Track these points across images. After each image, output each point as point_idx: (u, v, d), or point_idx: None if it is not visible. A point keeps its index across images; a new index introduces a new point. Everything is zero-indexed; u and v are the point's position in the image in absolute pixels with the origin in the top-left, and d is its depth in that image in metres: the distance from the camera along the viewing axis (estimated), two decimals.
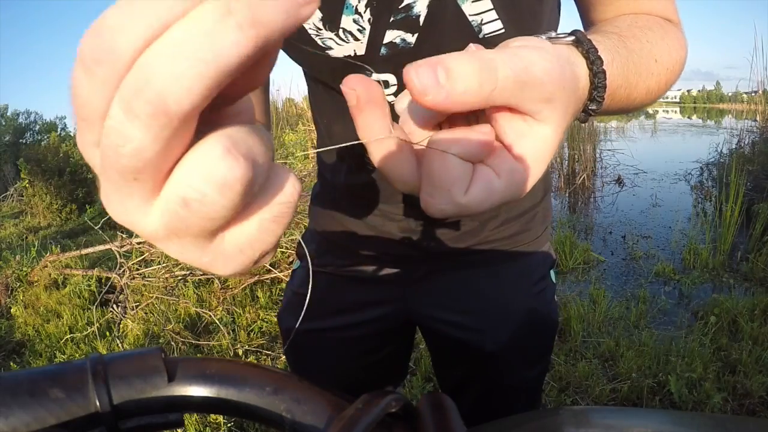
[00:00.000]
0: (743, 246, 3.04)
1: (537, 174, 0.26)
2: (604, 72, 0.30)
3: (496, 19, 0.47)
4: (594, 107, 0.31)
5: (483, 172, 0.25)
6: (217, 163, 0.16)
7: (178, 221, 0.17)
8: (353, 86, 0.24)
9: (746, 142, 4.95)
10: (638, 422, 0.26)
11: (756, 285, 2.61)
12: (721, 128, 10.67)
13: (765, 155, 4.26)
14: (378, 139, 0.25)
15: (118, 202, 0.17)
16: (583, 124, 4.34)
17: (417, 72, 0.21)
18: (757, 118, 5.50)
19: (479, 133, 0.25)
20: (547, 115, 0.25)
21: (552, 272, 0.69)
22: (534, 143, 0.25)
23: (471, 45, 0.28)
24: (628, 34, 0.38)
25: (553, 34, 0.31)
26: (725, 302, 2.30)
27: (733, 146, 5.01)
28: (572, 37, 0.31)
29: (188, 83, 0.14)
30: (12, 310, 2.75)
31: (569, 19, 0.54)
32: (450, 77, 0.21)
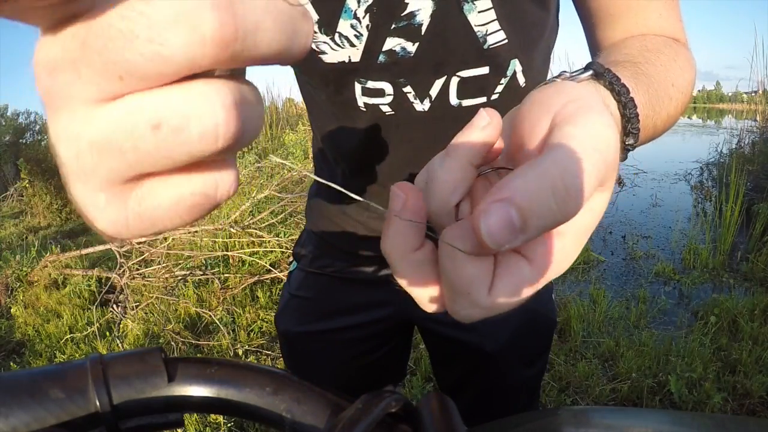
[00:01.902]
0: (743, 246, 3.03)
1: (578, 250, 0.22)
2: (633, 100, 0.28)
3: (499, 30, 0.46)
4: (631, 141, 0.29)
5: (508, 263, 0.21)
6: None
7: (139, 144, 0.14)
8: (404, 191, 0.22)
9: (746, 142, 4.95)
10: (638, 422, 0.26)
11: (756, 285, 2.61)
12: (721, 128, 10.67)
13: (765, 155, 4.26)
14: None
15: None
16: None
17: (486, 221, 0.18)
18: (757, 118, 5.50)
19: None
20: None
21: None
22: (581, 217, 0.21)
23: (482, 111, 0.24)
24: (642, 60, 0.37)
25: (568, 73, 0.29)
26: (725, 302, 2.30)
27: (733, 146, 5.01)
28: (590, 71, 0.28)
29: None
30: (12, 310, 2.75)
31: (568, 25, 0.54)
32: (527, 224, 0.18)
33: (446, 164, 0.23)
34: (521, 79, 0.52)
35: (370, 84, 0.50)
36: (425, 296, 0.23)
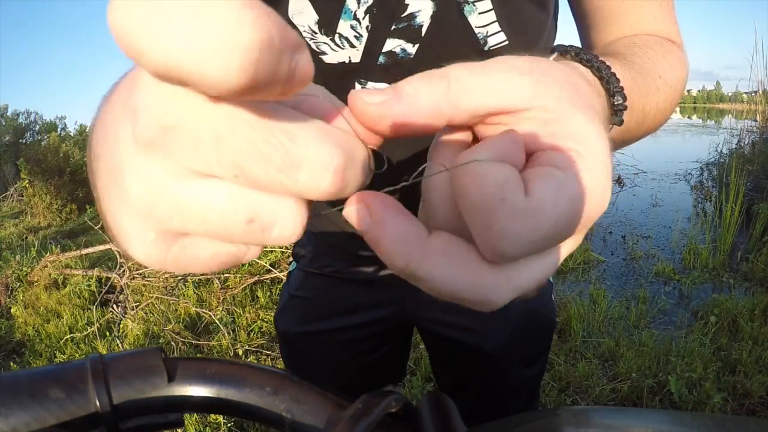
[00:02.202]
0: (743, 246, 3.04)
1: (605, 176, 0.19)
2: (614, 76, 0.28)
3: (499, 31, 0.46)
4: (620, 100, 0.28)
5: (537, 170, 0.19)
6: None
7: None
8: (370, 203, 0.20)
9: (746, 142, 4.95)
10: (638, 422, 0.26)
11: (756, 285, 2.61)
12: (721, 128, 10.68)
13: (765, 155, 4.26)
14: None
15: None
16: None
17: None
18: (757, 118, 5.50)
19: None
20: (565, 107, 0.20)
21: None
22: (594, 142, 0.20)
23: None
24: (628, 53, 0.37)
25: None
26: (725, 302, 2.30)
27: (733, 146, 5.02)
28: (555, 53, 0.28)
29: None
30: (12, 310, 2.75)
31: (568, 25, 0.54)
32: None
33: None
34: None
35: (370, 85, 0.50)
36: (465, 275, 0.19)
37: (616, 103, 0.28)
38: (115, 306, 2.56)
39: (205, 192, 0.17)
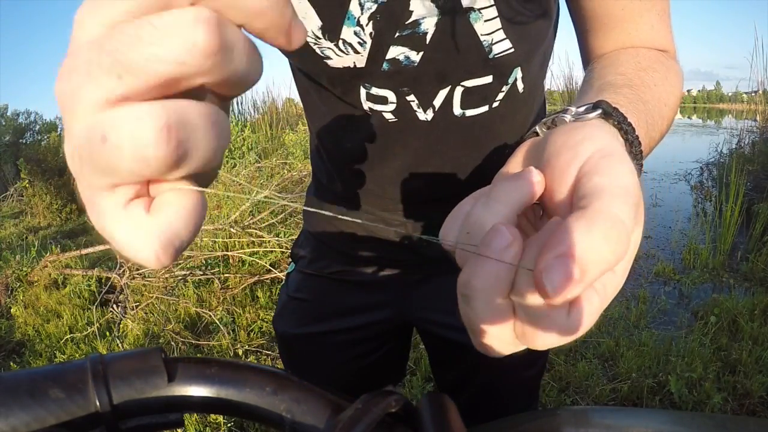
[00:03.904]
0: (743, 246, 3.03)
1: (626, 274, 0.24)
2: (638, 138, 0.29)
3: (504, 39, 0.46)
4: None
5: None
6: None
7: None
8: (511, 232, 0.22)
9: (746, 142, 4.95)
10: (638, 422, 0.26)
11: (756, 285, 2.61)
12: (721, 128, 10.67)
13: (765, 155, 4.26)
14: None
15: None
16: None
17: (549, 276, 0.19)
18: (757, 118, 5.50)
19: None
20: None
21: None
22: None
23: (531, 169, 0.25)
24: (638, 83, 0.38)
25: (574, 110, 0.29)
26: (725, 302, 2.30)
27: (733, 146, 5.01)
28: (599, 110, 0.29)
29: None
30: (12, 310, 2.75)
31: (569, 25, 0.54)
32: (586, 274, 0.19)
33: (493, 209, 0.24)
34: (520, 86, 0.52)
35: (374, 90, 0.50)
36: (502, 337, 0.23)
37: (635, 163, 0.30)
38: (115, 306, 2.56)
39: (84, 124, 0.17)
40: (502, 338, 0.23)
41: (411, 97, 0.50)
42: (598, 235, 0.20)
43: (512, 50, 0.47)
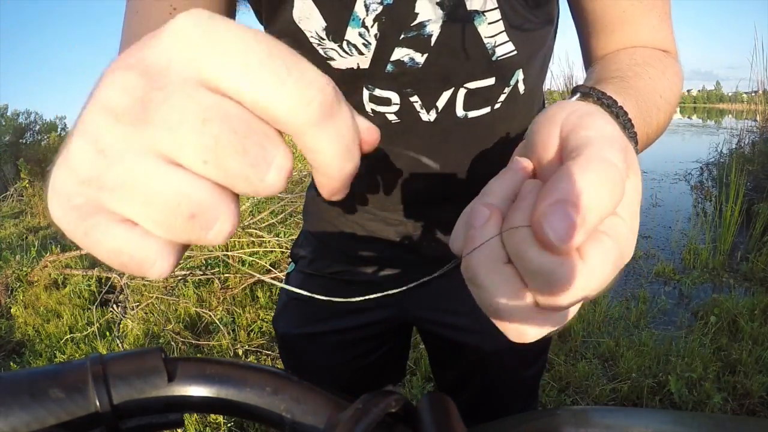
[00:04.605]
0: (743, 246, 3.03)
1: (637, 225, 0.23)
2: (622, 108, 0.29)
3: (507, 41, 0.47)
4: (632, 145, 0.30)
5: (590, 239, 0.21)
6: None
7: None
8: (488, 207, 0.23)
9: (746, 142, 4.95)
10: (638, 422, 0.26)
11: (756, 285, 2.61)
12: (721, 128, 10.67)
13: (765, 155, 4.26)
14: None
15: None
16: None
17: (549, 222, 0.19)
18: (757, 118, 5.50)
19: None
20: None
21: None
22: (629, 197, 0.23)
23: (516, 158, 0.25)
24: (630, 74, 0.38)
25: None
26: (725, 302, 2.30)
27: (733, 146, 5.01)
28: (578, 94, 0.30)
29: None
30: (12, 310, 2.75)
31: (569, 26, 0.54)
32: (585, 218, 0.19)
33: (486, 200, 0.24)
34: (522, 88, 0.52)
35: (378, 92, 0.50)
36: (525, 311, 0.22)
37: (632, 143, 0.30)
38: (115, 306, 2.56)
39: (161, 175, 0.17)
40: (524, 312, 0.22)
41: (414, 98, 0.50)
42: (591, 177, 0.19)
43: (515, 53, 0.47)
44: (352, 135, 0.20)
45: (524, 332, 0.23)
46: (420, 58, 0.47)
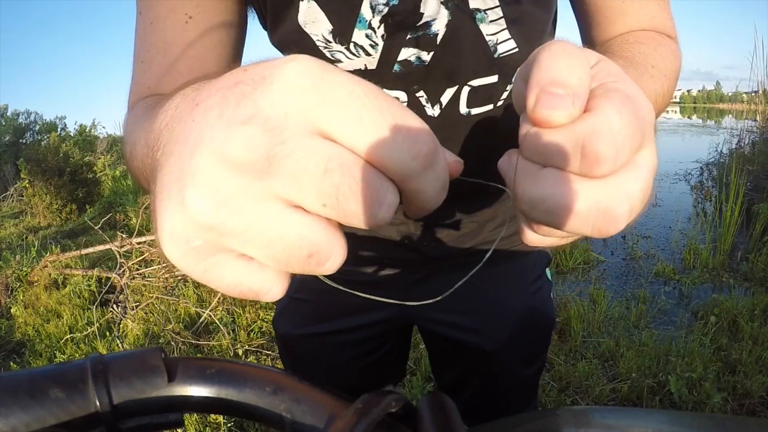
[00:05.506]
0: (743, 246, 3.03)
1: (654, 152, 0.23)
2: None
3: (509, 39, 0.47)
4: None
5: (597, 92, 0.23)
6: None
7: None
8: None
9: (746, 142, 4.95)
10: (638, 422, 0.26)
11: (756, 285, 2.61)
12: (721, 128, 10.68)
13: (765, 155, 4.26)
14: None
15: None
16: None
17: (537, 102, 0.21)
18: (757, 118, 5.50)
19: None
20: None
21: (547, 270, 0.69)
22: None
23: (511, 152, 0.26)
24: (618, 50, 0.39)
25: None
26: (725, 302, 2.30)
27: (733, 146, 5.01)
28: None
29: None
30: (12, 310, 2.75)
31: (570, 23, 0.54)
32: (567, 84, 0.21)
33: None
34: None
35: (385, 91, 0.50)
36: (585, 197, 0.22)
37: None
38: (115, 306, 2.56)
39: (283, 220, 0.18)
40: (590, 197, 0.21)
41: (420, 93, 0.51)
42: (557, 55, 0.21)
43: (516, 50, 0.48)
44: (446, 174, 0.22)
45: (609, 213, 0.22)
46: (426, 57, 0.47)
